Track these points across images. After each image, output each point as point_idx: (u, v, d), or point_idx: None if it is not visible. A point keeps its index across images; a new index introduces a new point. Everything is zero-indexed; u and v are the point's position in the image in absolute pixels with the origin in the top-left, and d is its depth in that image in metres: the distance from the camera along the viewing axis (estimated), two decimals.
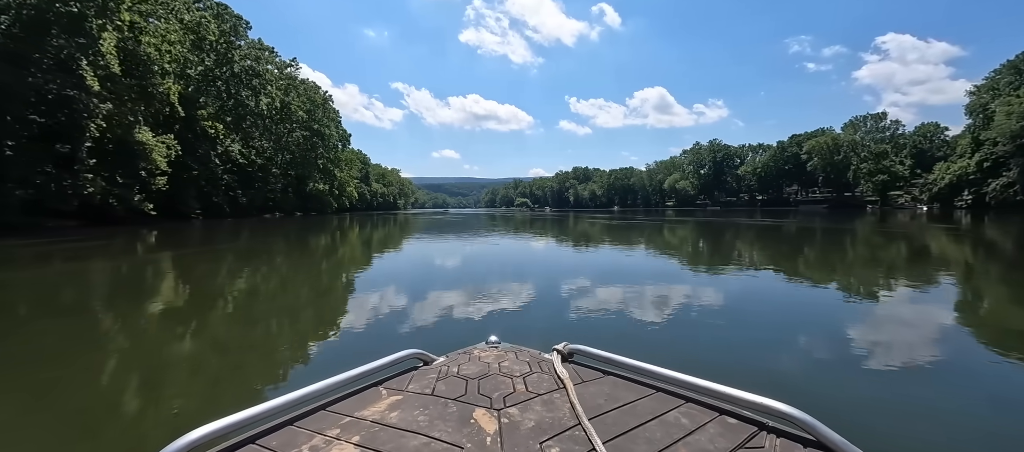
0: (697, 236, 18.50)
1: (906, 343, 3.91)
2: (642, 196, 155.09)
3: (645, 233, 20.56)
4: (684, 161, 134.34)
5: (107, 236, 18.37)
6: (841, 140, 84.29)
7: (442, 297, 5.88)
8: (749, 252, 12.06)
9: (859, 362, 3.40)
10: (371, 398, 1.27)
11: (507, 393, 1.24)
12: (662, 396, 1.25)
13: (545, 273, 8.60)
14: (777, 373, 3.20)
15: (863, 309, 5.31)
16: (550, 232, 22.36)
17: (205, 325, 4.87)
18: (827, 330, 4.36)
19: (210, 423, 1.00)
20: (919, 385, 2.97)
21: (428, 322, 4.63)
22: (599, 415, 1.14)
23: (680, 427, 1.08)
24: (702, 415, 1.14)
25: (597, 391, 1.29)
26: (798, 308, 5.56)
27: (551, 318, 4.84)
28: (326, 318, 5.18)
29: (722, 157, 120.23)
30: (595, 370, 1.45)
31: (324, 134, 60.02)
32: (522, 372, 1.38)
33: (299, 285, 7.65)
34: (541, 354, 1.59)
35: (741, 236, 17.82)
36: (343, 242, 17.31)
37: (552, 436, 1.03)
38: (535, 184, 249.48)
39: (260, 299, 6.33)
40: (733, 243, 14.55)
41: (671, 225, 27.49)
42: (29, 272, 9.57)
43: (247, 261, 11.04)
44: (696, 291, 6.40)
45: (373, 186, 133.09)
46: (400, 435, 1.06)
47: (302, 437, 1.07)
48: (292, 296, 6.64)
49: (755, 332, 4.29)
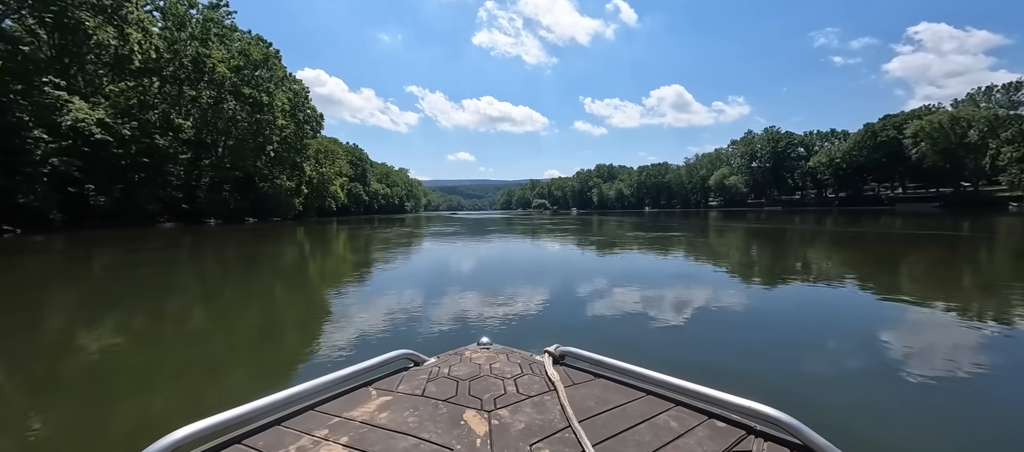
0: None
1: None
2: (680, 195, 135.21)
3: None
4: (733, 153, 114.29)
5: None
6: (966, 117, 63.68)
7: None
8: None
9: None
10: (361, 398, 1.26)
11: (498, 395, 1.24)
12: (652, 399, 1.25)
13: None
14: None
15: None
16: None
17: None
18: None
19: (195, 422, 0.99)
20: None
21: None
22: (589, 417, 1.14)
23: (669, 430, 1.09)
24: (691, 418, 1.14)
25: (587, 393, 1.29)
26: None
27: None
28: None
29: (783, 147, 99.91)
30: (586, 373, 1.44)
31: (269, 106, 42.42)
32: (513, 374, 1.38)
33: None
34: (532, 356, 1.58)
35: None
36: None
37: (542, 438, 1.03)
38: (553, 184, 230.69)
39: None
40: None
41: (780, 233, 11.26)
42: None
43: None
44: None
45: (373, 186, 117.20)
46: (390, 436, 1.05)
47: (289, 437, 1.06)
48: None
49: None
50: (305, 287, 7.09)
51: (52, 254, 13.08)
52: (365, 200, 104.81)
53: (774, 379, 2.87)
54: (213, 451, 1.00)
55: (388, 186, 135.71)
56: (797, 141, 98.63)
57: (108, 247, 14.60)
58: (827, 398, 2.59)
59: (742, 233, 17.89)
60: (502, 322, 4.27)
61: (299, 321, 4.76)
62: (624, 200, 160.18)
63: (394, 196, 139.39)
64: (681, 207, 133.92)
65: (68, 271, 9.40)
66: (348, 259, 11.10)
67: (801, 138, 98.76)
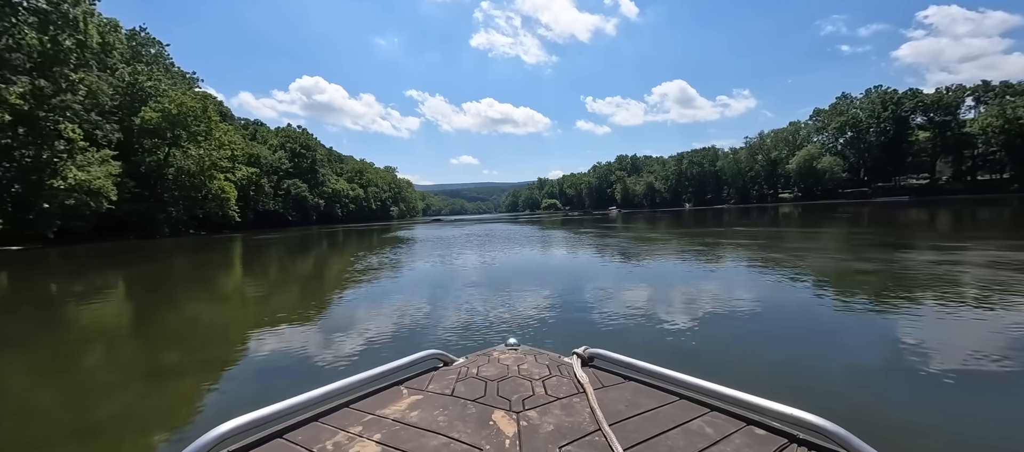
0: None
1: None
2: (736, 187, 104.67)
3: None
4: (820, 126, 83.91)
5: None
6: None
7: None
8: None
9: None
10: (392, 397, 1.28)
11: (526, 396, 1.22)
12: (685, 404, 1.20)
13: None
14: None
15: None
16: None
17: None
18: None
19: (239, 417, 1.02)
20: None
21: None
22: (619, 421, 1.11)
23: (704, 437, 1.05)
24: (728, 425, 1.09)
25: (618, 397, 1.26)
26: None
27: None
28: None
29: (908, 111, 69.42)
30: (616, 375, 1.40)
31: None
32: (541, 375, 1.36)
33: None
34: (561, 357, 1.55)
35: None
36: None
37: (571, 441, 1.01)
38: (565, 182, 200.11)
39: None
40: None
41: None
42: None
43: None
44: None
45: (335, 185, 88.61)
46: (420, 434, 1.06)
47: (326, 433, 1.09)
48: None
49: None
50: None
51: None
52: (318, 205, 75.78)
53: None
54: (255, 444, 1.04)
55: (362, 186, 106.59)
56: (933, 102, 67.87)
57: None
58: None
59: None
60: None
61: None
62: (655, 196, 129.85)
63: (370, 199, 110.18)
64: (738, 202, 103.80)
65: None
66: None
67: (936, 98, 68.01)
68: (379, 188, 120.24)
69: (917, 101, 68.77)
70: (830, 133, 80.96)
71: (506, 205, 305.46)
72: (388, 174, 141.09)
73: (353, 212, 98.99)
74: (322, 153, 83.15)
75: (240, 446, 1.03)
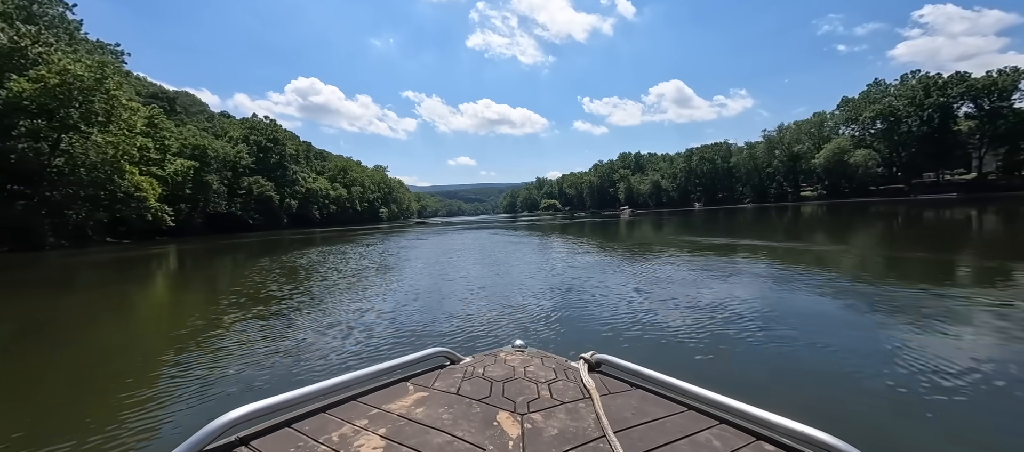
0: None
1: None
2: (752, 185, 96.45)
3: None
4: (849, 117, 75.66)
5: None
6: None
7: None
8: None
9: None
10: (398, 393, 1.28)
11: (531, 398, 1.21)
12: (694, 415, 1.18)
13: None
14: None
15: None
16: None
17: None
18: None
19: (249, 404, 1.03)
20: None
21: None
22: (625, 429, 1.09)
23: (711, 449, 1.03)
24: (736, 438, 1.07)
25: (624, 404, 1.23)
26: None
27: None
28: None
29: (959, 95, 61.16)
30: (623, 382, 1.38)
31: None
32: (547, 378, 1.35)
33: None
34: (567, 361, 1.54)
35: None
36: None
37: (576, 446, 1.00)
38: (565, 181, 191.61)
39: None
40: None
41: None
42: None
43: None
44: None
45: (314, 185, 79.96)
46: (425, 431, 1.06)
47: (333, 425, 1.10)
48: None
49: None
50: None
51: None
52: (289, 206, 67.21)
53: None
54: (265, 432, 1.05)
55: (345, 186, 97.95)
56: (982, 87, 59.63)
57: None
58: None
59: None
60: None
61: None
62: (662, 195, 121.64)
63: (355, 199, 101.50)
64: (754, 200, 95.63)
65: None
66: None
67: (987, 82, 59.77)
68: (365, 188, 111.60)
69: (966, 86, 60.55)
70: (863, 123, 72.70)
71: (504, 206, 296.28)
72: (377, 173, 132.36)
73: (334, 214, 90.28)
74: (295, 148, 74.46)
75: (249, 433, 1.04)
